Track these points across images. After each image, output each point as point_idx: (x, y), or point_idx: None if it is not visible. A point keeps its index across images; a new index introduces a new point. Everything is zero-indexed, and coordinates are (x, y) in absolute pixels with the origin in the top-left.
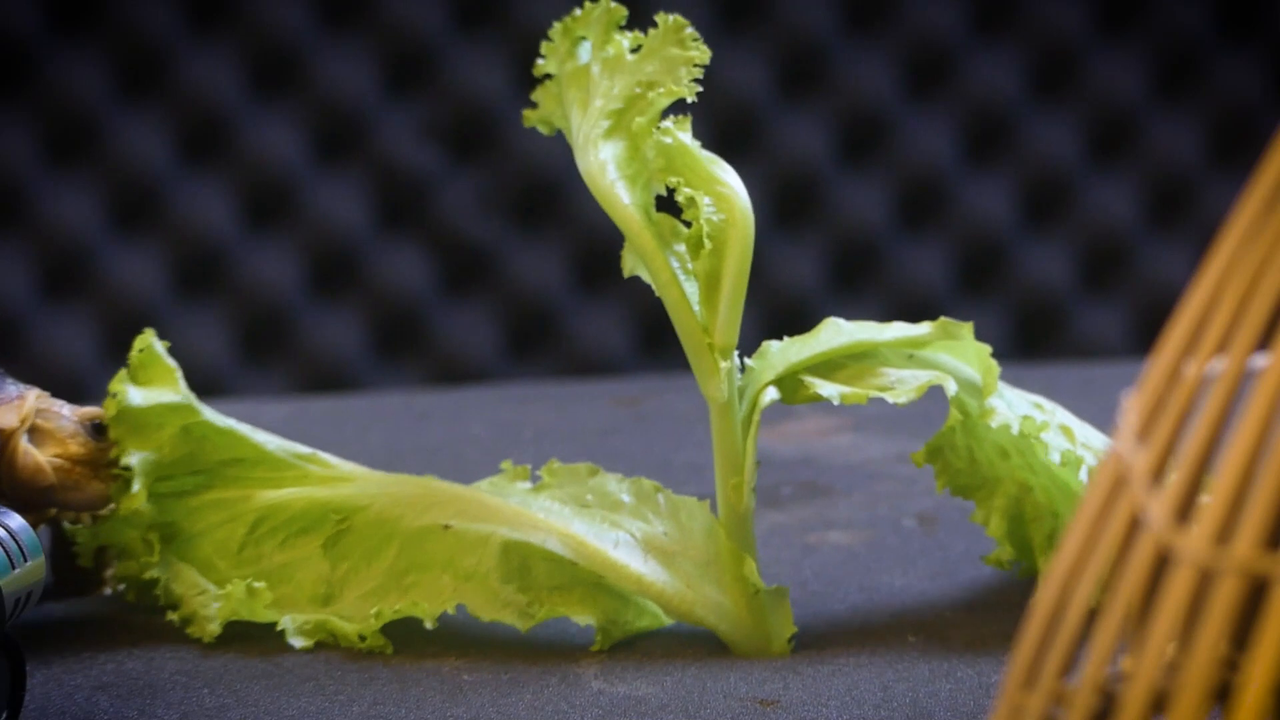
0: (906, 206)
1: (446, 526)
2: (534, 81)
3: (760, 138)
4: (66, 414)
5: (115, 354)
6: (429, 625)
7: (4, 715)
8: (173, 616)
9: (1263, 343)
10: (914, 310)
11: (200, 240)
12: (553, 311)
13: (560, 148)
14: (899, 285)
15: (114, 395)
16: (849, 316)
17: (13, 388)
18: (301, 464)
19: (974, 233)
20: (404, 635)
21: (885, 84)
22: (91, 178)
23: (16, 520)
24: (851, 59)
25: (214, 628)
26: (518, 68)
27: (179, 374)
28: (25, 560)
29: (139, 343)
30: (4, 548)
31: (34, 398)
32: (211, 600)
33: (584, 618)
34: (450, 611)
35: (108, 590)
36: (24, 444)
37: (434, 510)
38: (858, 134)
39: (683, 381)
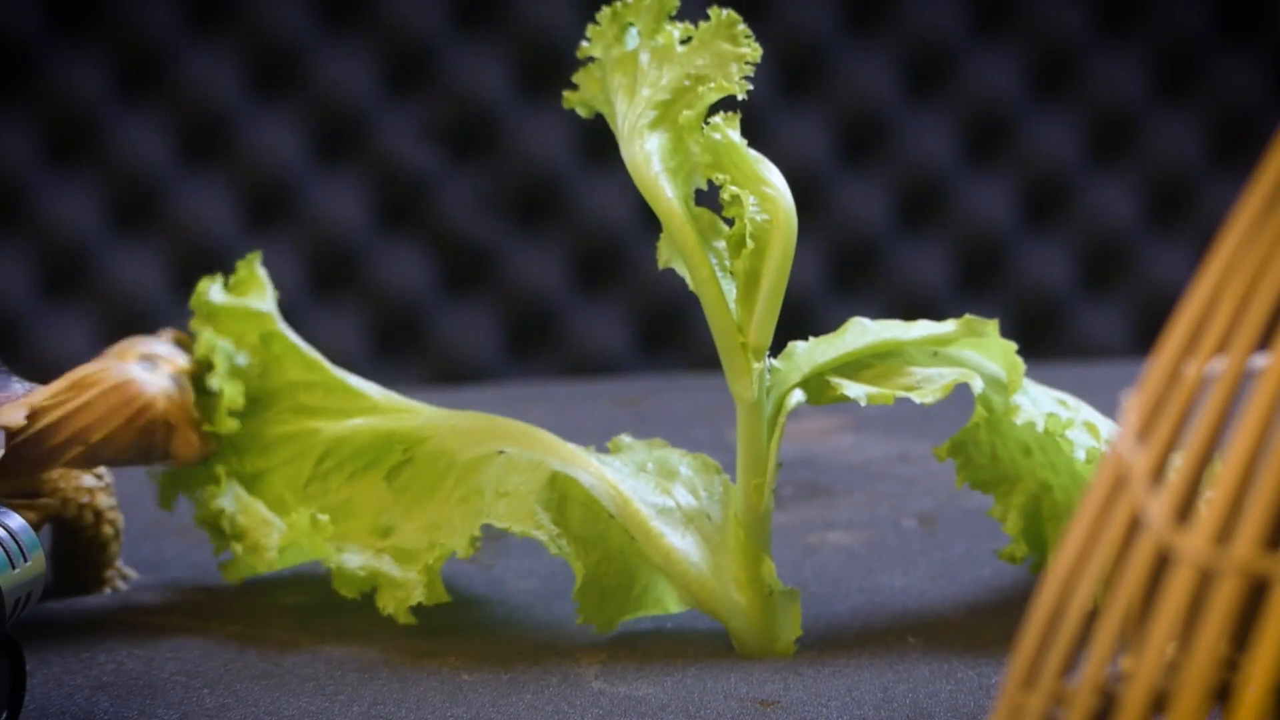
0: (906, 206)
1: (501, 452)
2: (534, 81)
3: (759, 138)
4: (158, 336)
5: None
6: (460, 555)
7: (4, 715)
8: (236, 547)
9: (1263, 343)
10: (914, 310)
11: (200, 240)
12: (553, 311)
13: (561, 147)
14: (899, 285)
15: (198, 292)
16: (849, 316)
17: (18, 385)
18: (371, 394)
19: (974, 233)
20: (405, 635)
21: (885, 84)
22: (91, 177)
23: (16, 520)
24: (851, 59)
25: (273, 555)
26: (518, 68)
27: (269, 289)
28: (25, 559)
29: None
30: (4, 547)
31: (25, 389)
32: (275, 531)
33: (582, 578)
34: (476, 534)
35: (108, 590)
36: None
37: (492, 441)
38: (858, 134)
39: (682, 381)
